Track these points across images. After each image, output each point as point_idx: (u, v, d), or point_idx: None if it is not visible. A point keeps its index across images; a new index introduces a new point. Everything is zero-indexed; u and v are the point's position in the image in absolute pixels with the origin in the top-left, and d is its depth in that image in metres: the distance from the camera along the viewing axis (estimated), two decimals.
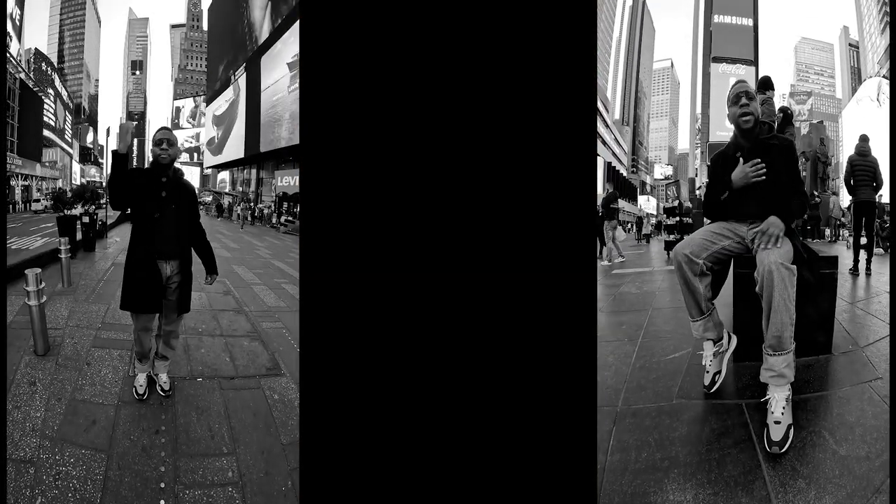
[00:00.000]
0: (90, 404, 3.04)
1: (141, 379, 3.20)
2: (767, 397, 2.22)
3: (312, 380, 1.26)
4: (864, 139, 6.78)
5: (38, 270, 3.83)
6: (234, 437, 2.87)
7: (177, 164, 3.20)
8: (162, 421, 2.93)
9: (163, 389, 3.21)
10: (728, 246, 2.60)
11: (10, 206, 29.35)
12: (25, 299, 3.77)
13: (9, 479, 2.22)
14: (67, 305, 5.17)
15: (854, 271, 6.20)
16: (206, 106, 54.24)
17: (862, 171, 6.51)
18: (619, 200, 11.66)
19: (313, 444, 1.27)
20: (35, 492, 2.21)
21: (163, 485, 2.38)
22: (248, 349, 4.36)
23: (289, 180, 32.99)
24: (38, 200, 31.44)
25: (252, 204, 34.63)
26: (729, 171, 2.63)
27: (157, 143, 3.07)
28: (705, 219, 3.06)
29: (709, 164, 2.92)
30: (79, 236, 9.54)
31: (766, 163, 2.50)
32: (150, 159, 3.14)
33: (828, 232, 14.91)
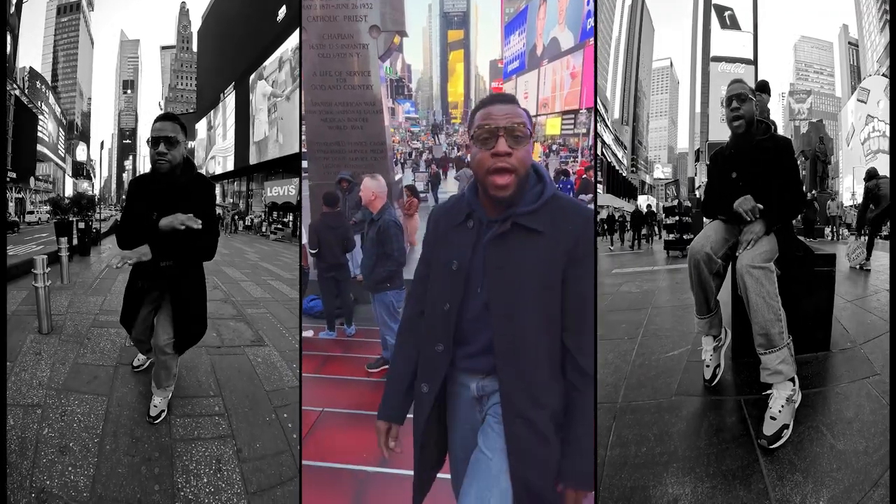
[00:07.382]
0: (92, 366, 3.31)
1: (156, 400, 2.69)
2: (769, 392, 2.19)
3: None
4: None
5: (45, 256, 4.06)
6: (220, 385, 3.16)
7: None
8: None
9: (150, 415, 2.63)
10: (733, 245, 2.56)
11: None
12: (33, 282, 3.95)
13: (16, 419, 2.49)
14: (67, 297, 5.30)
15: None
16: (196, 123, 54.60)
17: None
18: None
19: None
20: (42, 425, 2.48)
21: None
22: (233, 328, 4.51)
23: (278, 190, 33.13)
24: (31, 212, 31.14)
25: (242, 213, 34.80)
26: (724, 170, 2.62)
27: (154, 142, 2.34)
28: (704, 218, 3.05)
29: (708, 163, 2.90)
30: (75, 241, 9.48)
31: (758, 166, 2.48)
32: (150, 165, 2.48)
33: (827, 230, 14.84)
